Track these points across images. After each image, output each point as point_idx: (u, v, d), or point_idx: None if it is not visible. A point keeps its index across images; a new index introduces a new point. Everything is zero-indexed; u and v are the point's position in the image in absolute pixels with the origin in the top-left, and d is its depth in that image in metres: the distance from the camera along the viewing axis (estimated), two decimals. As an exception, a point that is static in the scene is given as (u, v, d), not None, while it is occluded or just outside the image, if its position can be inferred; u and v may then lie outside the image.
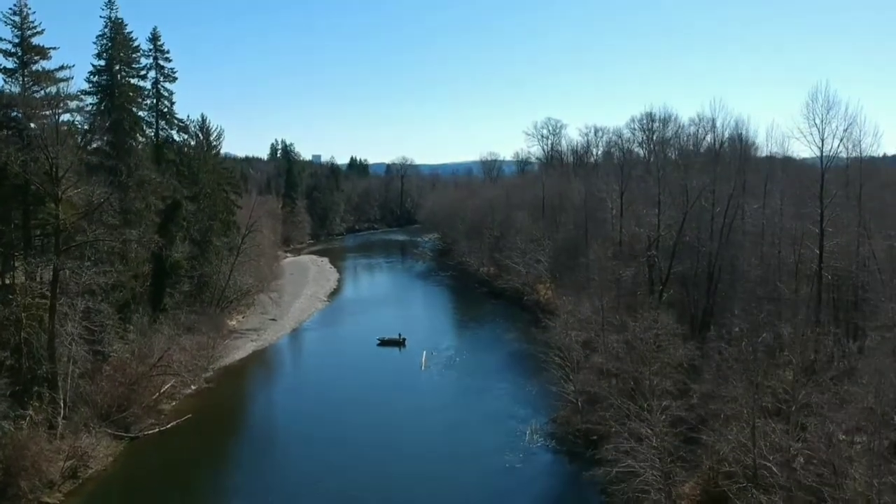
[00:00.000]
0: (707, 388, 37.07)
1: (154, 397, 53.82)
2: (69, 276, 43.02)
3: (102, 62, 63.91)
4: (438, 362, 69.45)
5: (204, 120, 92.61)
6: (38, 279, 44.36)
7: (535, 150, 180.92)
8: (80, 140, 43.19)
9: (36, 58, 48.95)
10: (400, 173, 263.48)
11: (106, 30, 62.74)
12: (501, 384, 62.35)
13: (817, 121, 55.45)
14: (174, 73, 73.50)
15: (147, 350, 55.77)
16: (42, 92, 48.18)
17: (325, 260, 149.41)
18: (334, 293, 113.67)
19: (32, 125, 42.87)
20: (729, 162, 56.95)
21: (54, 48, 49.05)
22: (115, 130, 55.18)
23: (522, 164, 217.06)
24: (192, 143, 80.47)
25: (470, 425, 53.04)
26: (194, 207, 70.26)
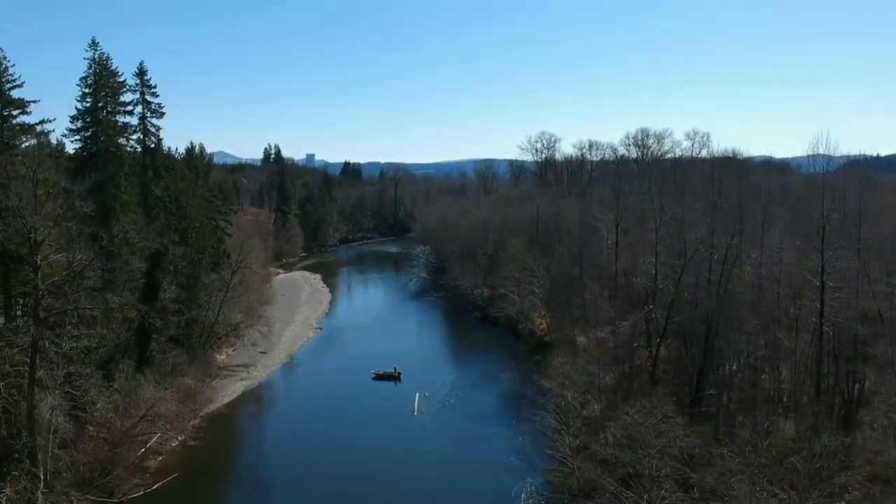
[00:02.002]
0: (709, 481, 35.83)
1: (139, 453, 52.49)
2: (49, 345, 41.52)
3: (88, 102, 62.54)
4: (432, 403, 68.01)
5: (192, 148, 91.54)
6: (16, 345, 42.74)
7: (528, 165, 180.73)
8: (61, 205, 41.27)
9: (15, 112, 47.45)
10: (394, 181, 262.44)
11: (90, 71, 61.10)
12: (496, 429, 60.86)
13: (817, 168, 54.82)
14: (161, 108, 71.95)
15: (132, 405, 54.43)
16: (22, 146, 46.67)
17: (318, 277, 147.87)
18: (327, 317, 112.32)
19: (10, 188, 41.22)
20: (727, 213, 55.78)
21: (35, 101, 47.64)
22: (98, 190, 53.52)
23: (517, 171, 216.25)
24: (180, 175, 78.69)
25: (464, 478, 51.94)
26: (181, 251, 68.53)
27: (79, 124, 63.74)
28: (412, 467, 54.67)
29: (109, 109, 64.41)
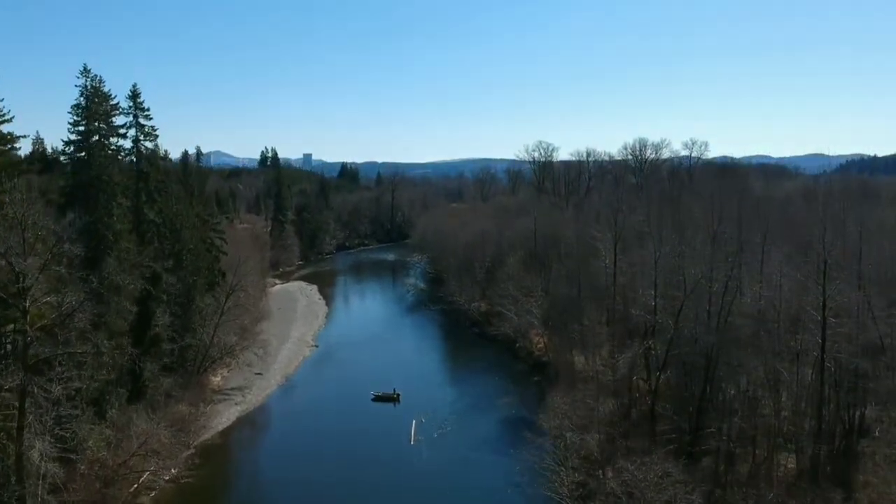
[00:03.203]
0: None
1: (132, 490, 51.75)
2: (37, 390, 40.69)
3: (80, 128, 61.87)
4: (430, 430, 66.82)
5: (187, 158, 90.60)
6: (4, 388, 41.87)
7: (526, 172, 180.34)
8: (50, 248, 40.36)
9: (7, 146, 46.62)
10: (391, 186, 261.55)
11: (81, 98, 60.31)
12: (494, 460, 60.13)
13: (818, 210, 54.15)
14: (155, 130, 71.10)
15: (125, 439, 53.59)
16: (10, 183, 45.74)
17: (314, 288, 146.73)
18: (323, 331, 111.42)
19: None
20: (727, 241, 55.20)
21: (23, 136, 46.85)
22: (89, 228, 52.58)
23: (515, 177, 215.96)
24: (174, 196, 77.66)
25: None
26: (175, 279, 67.72)
27: (71, 149, 63.29)
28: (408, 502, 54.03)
29: (102, 133, 63.75)
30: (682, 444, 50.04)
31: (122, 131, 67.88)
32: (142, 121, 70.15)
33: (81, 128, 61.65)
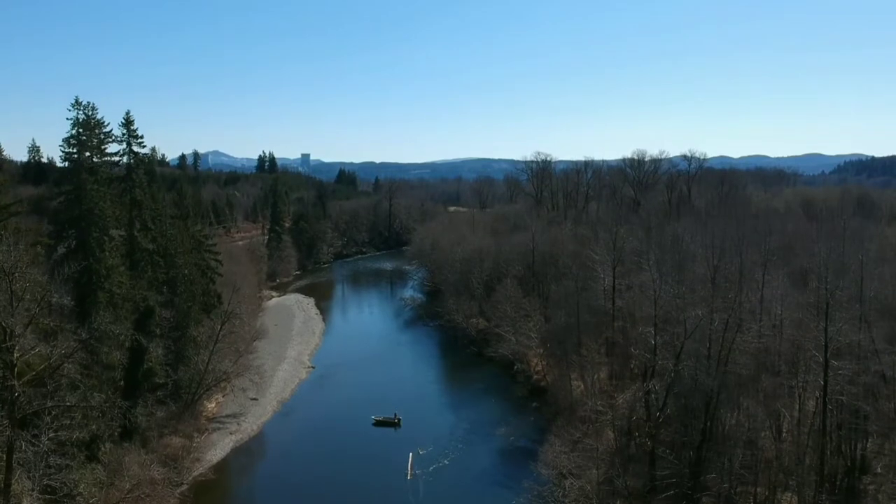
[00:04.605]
0: None
1: (123, 535, 50.94)
2: (25, 445, 39.82)
3: (73, 157, 61.20)
4: (427, 463, 65.86)
5: (183, 180, 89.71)
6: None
7: (524, 184, 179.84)
8: (39, 300, 39.46)
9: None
10: (388, 192, 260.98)
11: (74, 130, 59.53)
12: (491, 496, 59.48)
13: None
14: (148, 156, 70.52)
15: (117, 478, 52.80)
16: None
17: (311, 302, 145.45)
18: (320, 350, 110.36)
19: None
20: (728, 278, 54.51)
21: (6, 179, 45.91)
22: (80, 270, 51.80)
23: (513, 186, 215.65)
24: (168, 220, 76.96)
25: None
26: (169, 312, 66.91)
27: (62, 187, 62.64)
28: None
29: (95, 164, 63.07)
30: (682, 487, 49.34)
31: (115, 159, 67.37)
32: (135, 148, 69.57)
33: (75, 157, 60.95)
